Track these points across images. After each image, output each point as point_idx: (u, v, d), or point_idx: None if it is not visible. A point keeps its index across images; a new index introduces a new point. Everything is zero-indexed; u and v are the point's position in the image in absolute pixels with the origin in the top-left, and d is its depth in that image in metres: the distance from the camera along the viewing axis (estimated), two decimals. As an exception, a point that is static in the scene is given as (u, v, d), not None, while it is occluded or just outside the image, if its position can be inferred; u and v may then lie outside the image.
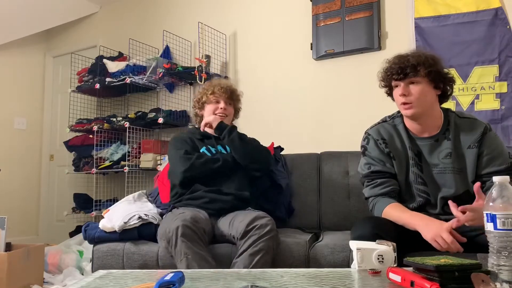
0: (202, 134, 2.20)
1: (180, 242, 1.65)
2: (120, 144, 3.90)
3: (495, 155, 1.56)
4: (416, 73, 1.55)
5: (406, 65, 1.55)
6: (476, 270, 0.90)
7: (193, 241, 1.67)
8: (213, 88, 2.19)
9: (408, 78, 1.56)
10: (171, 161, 2.14)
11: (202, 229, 1.74)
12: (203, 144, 2.16)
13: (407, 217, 1.52)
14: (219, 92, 2.17)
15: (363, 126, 1.83)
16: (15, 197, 4.50)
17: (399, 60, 1.58)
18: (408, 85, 1.57)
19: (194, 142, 2.16)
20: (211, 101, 2.18)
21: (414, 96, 1.55)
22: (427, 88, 1.57)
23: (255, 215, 1.77)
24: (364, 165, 1.71)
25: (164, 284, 0.91)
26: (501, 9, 2.71)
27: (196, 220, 1.74)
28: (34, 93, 4.83)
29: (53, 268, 3.01)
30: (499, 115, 2.68)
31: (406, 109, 1.58)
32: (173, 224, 1.71)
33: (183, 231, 1.66)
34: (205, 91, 2.21)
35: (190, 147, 2.12)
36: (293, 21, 3.44)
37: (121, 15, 4.49)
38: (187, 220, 1.70)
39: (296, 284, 0.99)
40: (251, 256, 1.65)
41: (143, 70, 3.77)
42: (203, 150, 2.12)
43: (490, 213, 0.96)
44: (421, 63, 1.55)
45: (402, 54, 1.62)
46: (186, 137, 2.18)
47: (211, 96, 2.18)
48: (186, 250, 1.64)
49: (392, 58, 1.64)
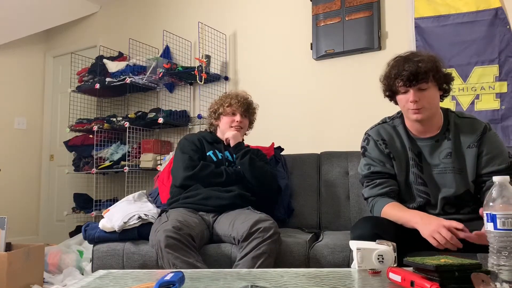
0: (213, 138, 2.25)
1: (166, 253, 1.64)
2: (120, 144, 3.90)
3: (495, 155, 1.56)
4: (427, 80, 1.53)
5: (418, 72, 1.51)
6: (476, 270, 0.90)
7: (178, 250, 1.65)
8: (230, 101, 2.21)
9: (419, 84, 1.53)
10: (175, 162, 2.18)
11: (187, 234, 1.71)
12: (211, 147, 2.19)
13: (405, 215, 1.52)
14: (236, 105, 2.20)
15: (363, 126, 1.83)
16: (15, 197, 4.50)
17: (410, 66, 1.52)
18: (418, 91, 1.54)
19: (202, 144, 2.20)
20: (227, 113, 2.21)
21: (425, 101, 1.54)
22: (435, 92, 1.57)
23: (258, 217, 1.77)
24: (364, 166, 1.71)
25: (164, 284, 0.91)
26: (501, 9, 2.71)
27: (180, 227, 1.71)
28: (34, 93, 4.83)
29: (53, 268, 3.01)
30: (499, 115, 2.68)
31: (416, 114, 1.55)
32: (157, 237, 1.70)
33: (166, 242, 1.65)
34: (222, 102, 2.24)
35: (197, 149, 2.15)
36: (293, 21, 3.44)
37: (121, 15, 4.49)
38: (169, 230, 1.68)
39: (296, 284, 0.99)
40: (254, 259, 1.64)
41: (143, 70, 3.77)
42: (209, 153, 2.16)
43: (490, 213, 0.96)
44: (431, 69, 1.53)
45: (407, 57, 1.57)
46: (195, 138, 2.21)
47: (227, 109, 2.21)
48: (174, 260, 1.62)
49: (395, 61, 1.59)
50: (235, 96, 2.25)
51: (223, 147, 2.21)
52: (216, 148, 2.20)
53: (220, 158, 2.16)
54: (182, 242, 1.67)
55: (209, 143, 2.22)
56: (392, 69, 1.58)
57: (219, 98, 2.32)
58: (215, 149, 2.19)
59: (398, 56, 1.61)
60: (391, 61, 1.61)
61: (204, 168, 2.07)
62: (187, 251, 1.66)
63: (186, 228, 1.73)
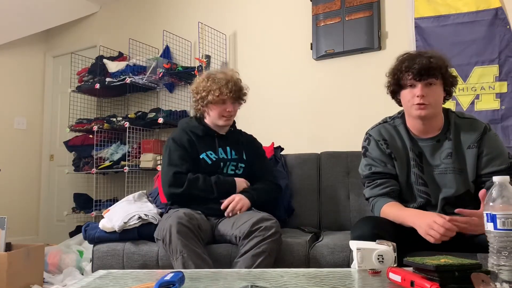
0: (204, 130, 2.08)
1: (176, 239, 1.64)
2: (120, 144, 3.90)
3: (494, 155, 1.56)
4: (437, 76, 1.53)
5: (430, 66, 1.52)
6: (476, 270, 0.90)
7: (188, 238, 1.66)
8: (220, 89, 2.01)
9: (428, 79, 1.53)
10: (162, 171, 2.05)
11: (197, 225, 1.73)
12: (204, 146, 2.04)
13: (403, 215, 1.52)
14: (227, 94, 2.01)
15: (363, 126, 1.83)
16: (15, 197, 4.50)
17: (423, 60, 1.53)
18: (426, 86, 1.54)
19: (193, 144, 2.04)
20: (217, 102, 2.02)
21: (432, 98, 1.54)
22: (440, 90, 1.57)
23: (261, 216, 1.76)
24: (365, 166, 1.71)
25: (164, 284, 0.91)
26: (501, 9, 2.71)
27: (191, 217, 1.74)
28: (34, 93, 4.83)
29: (53, 268, 3.01)
30: (499, 115, 2.68)
31: (421, 109, 1.54)
32: (168, 222, 1.71)
33: (178, 228, 1.65)
34: (211, 89, 2.02)
35: (187, 154, 2.00)
36: (293, 21, 3.44)
37: (121, 15, 4.49)
38: (182, 217, 1.69)
39: (296, 284, 0.99)
40: (253, 257, 1.64)
41: (143, 70, 3.77)
42: (203, 156, 2.02)
43: (490, 213, 0.96)
44: (442, 66, 1.54)
45: (418, 53, 1.58)
46: (184, 138, 2.05)
47: (217, 97, 2.01)
48: (182, 248, 1.63)
49: (406, 56, 1.59)
50: (225, 83, 2.02)
51: (216, 142, 2.07)
52: (209, 146, 2.05)
53: (215, 159, 2.03)
54: (193, 231, 1.68)
55: (201, 139, 2.06)
56: (402, 62, 1.58)
57: (205, 81, 2.06)
58: (209, 149, 2.04)
59: (408, 52, 1.61)
60: (401, 56, 1.61)
61: (192, 185, 1.92)
62: (196, 241, 1.67)
63: (196, 218, 1.76)
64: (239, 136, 2.20)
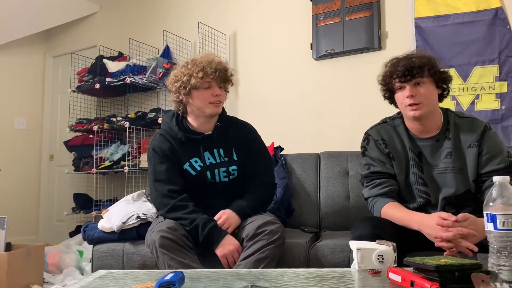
0: (187, 136, 1.85)
1: (161, 254, 1.60)
2: (120, 144, 3.90)
3: (494, 154, 1.56)
4: (422, 74, 1.55)
5: (412, 66, 1.55)
6: (476, 270, 0.90)
7: (174, 251, 1.60)
8: (204, 68, 1.75)
9: (414, 79, 1.56)
10: (150, 186, 1.87)
11: (182, 235, 1.66)
12: (187, 154, 1.84)
13: (405, 217, 1.52)
14: (213, 75, 1.75)
15: (363, 126, 1.83)
16: (15, 197, 4.49)
17: (404, 62, 1.57)
18: (414, 86, 1.56)
19: (175, 153, 1.84)
20: (201, 85, 1.77)
21: (422, 96, 1.55)
22: (432, 88, 1.58)
23: (267, 220, 1.71)
24: (364, 166, 1.71)
25: (164, 284, 0.91)
26: (501, 9, 2.71)
27: (175, 228, 1.67)
28: (34, 93, 4.83)
29: (53, 268, 3.01)
30: (499, 115, 2.68)
31: (414, 110, 1.56)
32: (151, 236, 1.67)
33: (161, 242, 1.60)
34: (191, 72, 1.76)
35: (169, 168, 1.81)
36: (293, 21, 3.44)
37: (121, 15, 4.49)
38: (164, 230, 1.64)
39: (296, 284, 0.99)
40: (256, 262, 1.60)
41: (143, 70, 3.77)
42: (186, 167, 1.83)
43: (490, 213, 0.96)
44: (425, 64, 1.56)
45: (403, 56, 1.62)
46: (165, 147, 1.84)
47: (201, 80, 1.75)
48: (169, 262, 1.58)
49: (391, 61, 1.63)
50: (208, 63, 1.76)
51: (201, 146, 1.85)
52: (194, 152, 1.84)
53: (200, 169, 1.82)
54: (177, 242, 1.63)
55: (183, 145, 1.84)
56: (388, 68, 1.63)
57: (184, 66, 1.81)
58: (193, 156, 1.83)
59: (394, 57, 1.65)
60: (387, 63, 1.65)
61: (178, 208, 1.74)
62: (182, 252, 1.62)
63: (181, 228, 1.70)
64: (227, 130, 1.91)
